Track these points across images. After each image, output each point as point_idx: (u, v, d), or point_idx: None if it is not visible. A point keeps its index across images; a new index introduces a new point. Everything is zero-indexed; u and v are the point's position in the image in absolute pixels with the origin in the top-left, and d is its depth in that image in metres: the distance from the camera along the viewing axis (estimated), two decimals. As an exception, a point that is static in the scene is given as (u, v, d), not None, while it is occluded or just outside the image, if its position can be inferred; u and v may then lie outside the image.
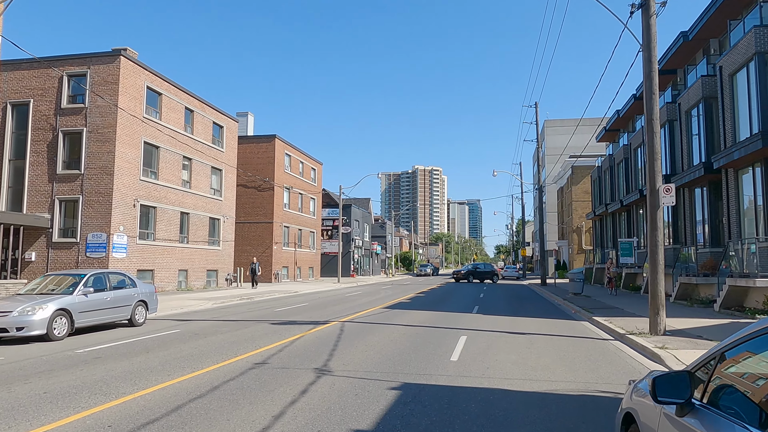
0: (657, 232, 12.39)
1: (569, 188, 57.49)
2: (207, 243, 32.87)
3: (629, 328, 13.35)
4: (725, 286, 17.10)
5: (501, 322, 15.22)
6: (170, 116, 29.23)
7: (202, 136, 32.47)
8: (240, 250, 42.46)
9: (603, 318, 15.72)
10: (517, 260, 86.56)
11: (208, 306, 21.23)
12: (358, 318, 16.08)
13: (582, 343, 11.63)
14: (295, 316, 16.88)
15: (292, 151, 46.39)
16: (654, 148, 12.60)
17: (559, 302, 23.32)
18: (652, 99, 12.64)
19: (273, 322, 15.18)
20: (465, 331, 13.18)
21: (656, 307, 12.25)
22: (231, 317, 16.74)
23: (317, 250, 52.95)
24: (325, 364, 8.76)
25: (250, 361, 8.98)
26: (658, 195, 12.43)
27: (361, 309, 19.24)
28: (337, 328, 13.57)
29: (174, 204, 29.48)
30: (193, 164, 31.37)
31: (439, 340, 11.52)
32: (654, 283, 12.37)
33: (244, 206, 42.76)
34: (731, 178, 19.28)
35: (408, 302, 22.77)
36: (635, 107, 33.12)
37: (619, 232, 35.54)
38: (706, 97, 21.53)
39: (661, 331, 12.14)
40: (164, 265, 28.50)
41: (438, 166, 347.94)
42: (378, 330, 13.16)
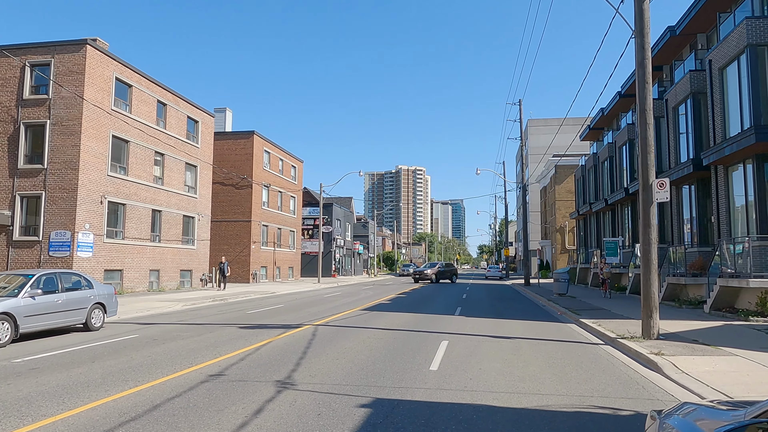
0: (650, 230, 11.65)
1: (552, 187, 57.13)
2: (181, 242, 31.63)
3: (620, 331, 12.61)
4: (716, 286, 16.49)
5: (484, 325, 14.40)
6: (141, 109, 27.96)
7: (176, 131, 31.23)
8: (217, 250, 41.22)
9: (591, 320, 14.98)
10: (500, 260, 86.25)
11: (177, 308, 20.12)
12: (333, 321, 15.13)
13: (571, 348, 10.83)
14: (267, 319, 15.88)
15: (271, 147, 45.23)
16: (647, 140, 11.86)
17: (544, 303, 22.62)
18: (645, 88, 11.90)
19: (242, 325, 14.17)
20: (446, 335, 12.32)
21: (649, 309, 11.51)
22: (198, 320, 15.68)
23: (297, 249, 51.83)
24: (289, 376, 7.81)
25: (204, 373, 8.00)
26: (651, 190, 11.69)
27: (338, 311, 18.30)
28: (310, 332, 12.61)
29: (145, 201, 28.22)
30: (165, 160, 30.12)
31: (418, 346, 10.63)
32: (647, 284, 11.63)
33: (221, 204, 41.52)
34: (721, 176, 18.71)
35: (388, 303, 21.88)
36: (620, 105, 32.66)
37: (603, 231, 35.05)
38: (695, 92, 20.96)
39: (654, 335, 11.40)
40: (134, 265, 27.23)
41: (422, 166, 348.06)
42: (353, 334, 12.23)
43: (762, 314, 14.38)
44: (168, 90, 30.36)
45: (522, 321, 15.68)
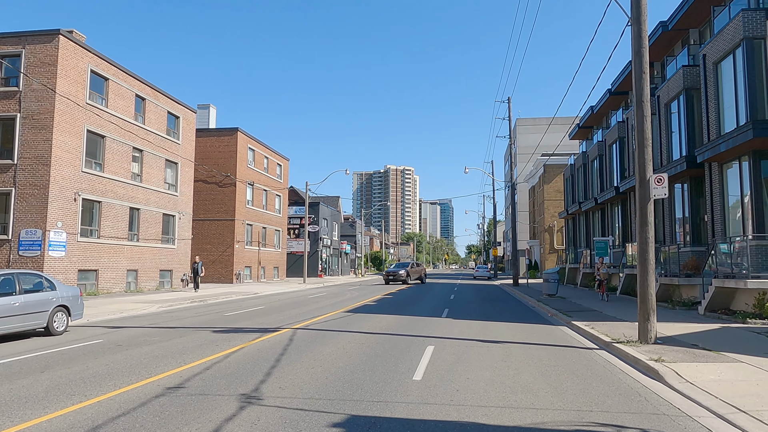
0: (647, 228, 11.02)
1: (541, 187, 56.74)
2: (160, 241, 30.64)
3: (614, 334, 11.97)
4: (711, 287, 15.95)
5: (472, 328, 13.71)
6: (118, 104, 26.95)
7: (156, 127, 30.23)
8: (199, 249, 40.24)
9: (583, 323, 14.36)
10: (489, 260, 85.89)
11: (153, 310, 19.23)
12: (314, 324, 14.36)
13: (564, 354, 10.16)
14: (245, 321, 15.07)
15: (255, 145, 44.29)
16: (644, 133, 11.23)
17: (534, 304, 22.02)
18: (642, 79, 11.27)
19: (216, 329, 13.35)
20: (432, 339, 11.60)
21: (646, 312, 10.88)
22: (171, 323, 14.83)
23: (283, 249, 50.90)
24: (256, 389, 7.04)
25: (162, 385, 7.20)
26: (648, 186, 11.06)
27: (320, 313, 17.52)
28: (287, 336, 11.83)
29: (122, 199, 27.21)
30: (144, 156, 29.11)
31: (401, 352, 9.90)
32: (644, 285, 11.00)
33: (204, 202, 40.53)
34: (715, 173, 18.20)
35: (373, 305, 21.14)
36: (611, 102, 32.21)
37: (593, 230, 34.59)
38: (688, 88, 20.45)
39: (651, 339, 10.77)
40: (111, 265, 26.23)
41: (410, 166, 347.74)
42: (333, 339, 11.48)
43: (760, 316, 13.84)
44: (147, 84, 29.36)
45: (511, 323, 15.02)
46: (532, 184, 66.13)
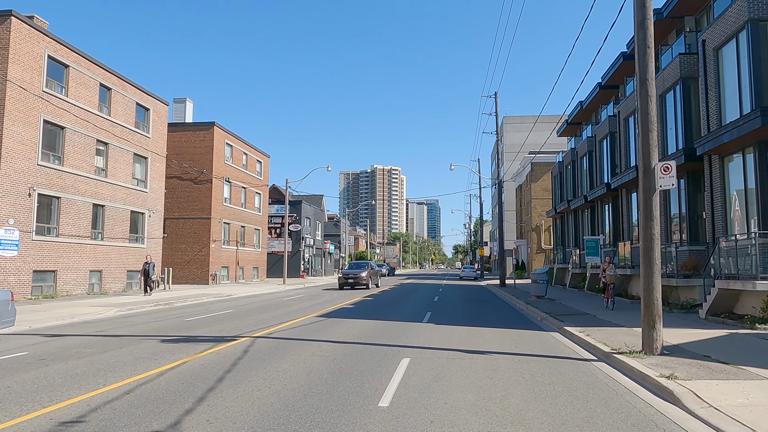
0: (652, 224, 9.70)
1: (528, 185, 55.66)
2: (128, 240, 28.89)
3: (614, 343, 10.65)
4: (713, 289, 14.73)
5: (456, 335, 12.32)
6: (80, 93, 25.20)
7: (123, 119, 28.48)
8: (174, 248, 38.51)
9: (577, 328, 13.03)
10: (475, 260, 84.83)
11: (108, 314, 17.61)
12: (278, 331, 12.87)
13: (559, 367, 8.79)
14: (202, 328, 13.54)
15: (233, 140, 42.58)
16: (649, 116, 9.91)
17: (522, 306, 20.72)
18: (647, 54, 9.96)
19: (167, 338, 11.82)
20: (410, 349, 10.19)
21: (652, 318, 9.55)
22: (120, 331, 13.26)
23: (263, 248, 49.22)
24: (176, 423, 5.55)
25: (57, 419, 5.68)
26: (653, 175, 9.74)
27: (291, 318, 16.03)
28: (242, 347, 10.34)
29: (85, 194, 25.46)
30: (110, 150, 27.36)
31: (371, 367, 8.47)
32: (648, 288, 9.66)
33: (179, 200, 38.79)
34: (716, 166, 17.00)
35: (351, 308, 19.69)
36: (600, 97, 31.06)
37: (582, 229, 33.43)
38: (685, 77, 19.25)
39: (657, 350, 9.45)
40: (71, 265, 24.48)
41: (397, 166, 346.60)
42: (295, 350, 10.01)
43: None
44: (113, 73, 27.61)
45: (498, 329, 13.65)
46: (519, 182, 65.10)
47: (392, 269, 76.70)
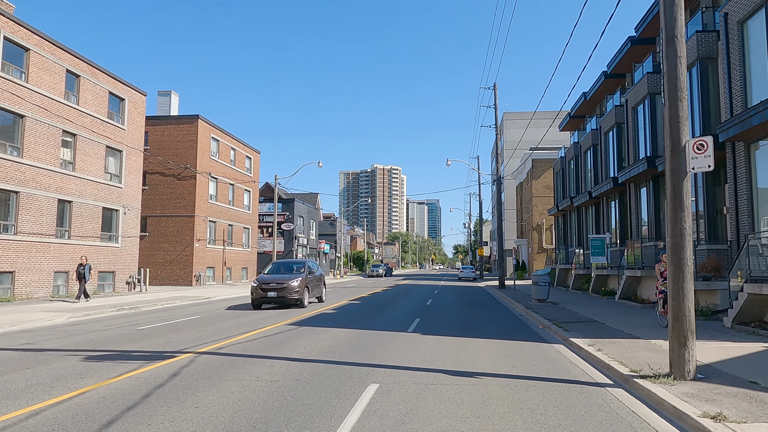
0: (683, 215, 7.76)
1: (529, 183, 53.71)
2: (100, 239, 26.97)
3: (633, 362, 8.71)
4: (741, 293, 12.79)
5: (442, 349, 10.39)
6: (43, 79, 23.27)
7: (93, 109, 26.54)
8: (156, 248, 36.60)
9: (585, 340, 11.10)
10: (475, 260, 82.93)
11: (59, 321, 15.70)
12: (232, 344, 10.93)
13: (567, 397, 6.86)
14: (147, 340, 11.61)
15: (220, 135, 40.65)
16: (678, 82, 7.97)
17: (521, 311, 18.78)
18: (675, 6, 8.02)
19: (95, 353, 9.90)
20: (380, 372, 8.25)
21: (683, 334, 7.61)
22: (49, 343, 11.34)
23: (253, 248, 47.29)
24: None
25: None
26: (684, 155, 7.81)
27: (258, 326, 14.10)
28: (175, 368, 8.40)
29: (48, 189, 23.52)
30: (78, 141, 25.43)
31: (324, 400, 6.54)
32: (679, 295, 7.73)
33: (161, 197, 36.87)
34: (740, 155, 15.07)
35: (331, 313, 17.75)
36: (605, 87, 29.09)
37: (586, 228, 31.49)
38: (702, 57, 17.31)
39: (690, 374, 7.51)
40: (31, 266, 22.56)
41: (397, 166, 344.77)
42: (237, 373, 8.08)
43: (815, 333, 10.66)
44: (82, 59, 25.67)
45: (494, 341, 11.71)
46: (519, 180, 63.16)
47: (390, 269, 74.81)
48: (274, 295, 18.61)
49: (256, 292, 18.91)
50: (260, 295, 18.74)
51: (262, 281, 19.10)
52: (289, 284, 18.73)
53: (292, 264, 21.12)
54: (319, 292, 21.95)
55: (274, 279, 19.12)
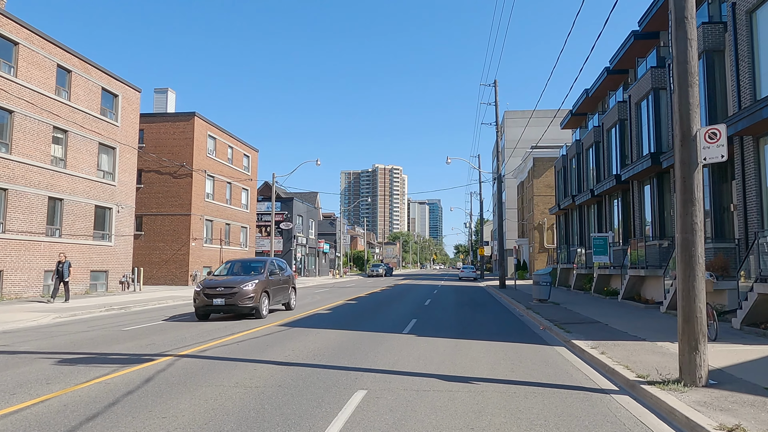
0: (694, 209, 7.23)
1: (530, 182, 53.15)
2: (92, 237, 26.45)
3: (639, 366, 8.19)
4: (751, 293, 12.23)
5: (438, 352, 9.87)
6: (33, 74, 22.77)
7: (86, 105, 26.03)
8: (151, 247, 36.11)
9: (588, 342, 10.57)
10: (476, 260, 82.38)
11: (44, 321, 15.20)
12: (217, 347, 10.41)
13: (569, 405, 6.33)
14: (129, 342, 11.09)
15: (217, 132, 40.13)
16: (688, 66, 7.43)
17: (522, 312, 18.25)
18: (685, -16, 7.48)
19: (71, 356, 9.38)
20: (370, 377, 7.72)
21: (693, 337, 7.08)
22: (26, 345, 10.83)
23: (251, 247, 46.76)
24: None
25: None
26: (695, 145, 7.27)
27: (247, 327, 13.58)
28: (150, 373, 7.88)
29: (38, 186, 23.02)
30: (70, 138, 24.91)
31: (305, 410, 6.02)
32: (689, 295, 7.19)
33: (157, 195, 36.36)
34: (749, 150, 14.51)
35: (326, 314, 17.24)
36: (608, 83, 28.55)
37: (588, 226, 30.93)
38: (709, 50, 16.75)
39: (702, 379, 6.98)
40: (20, 265, 22.05)
41: (398, 165, 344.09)
42: (216, 378, 7.56)
43: (830, 335, 10.11)
44: (74, 54, 25.16)
45: (492, 342, 11.17)
46: (520, 179, 62.60)
47: (390, 269, 74.28)
48: (221, 303, 14.69)
49: (199, 298, 14.91)
50: (204, 303, 14.81)
51: (207, 285, 15.12)
52: (241, 289, 14.81)
53: (251, 263, 17.53)
54: (286, 298, 17.93)
55: (222, 282, 15.16)
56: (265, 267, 16.63)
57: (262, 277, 15.87)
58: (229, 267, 17.22)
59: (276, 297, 16.85)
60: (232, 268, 17.07)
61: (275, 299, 16.80)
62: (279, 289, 17.09)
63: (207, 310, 15.00)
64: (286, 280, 18.06)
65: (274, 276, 16.92)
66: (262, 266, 16.72)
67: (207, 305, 14.88)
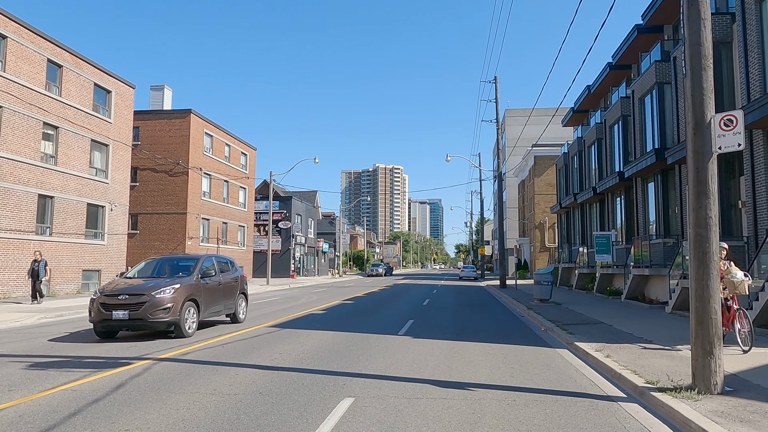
0: (708, 202, 6.70)
1: (531, 180, 52.60)
2: (84, 236, 25.94)
3: (648, 370, 7.65)
4: (764, 293, 11.69)
5: (434, 355, 9.34)
6: (22, 68, 22.25)
7: (77, 101, 25.51)
8: (147, 246, 35.60)
9: (592, 344, 10.04)
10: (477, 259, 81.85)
11: (29, 322, 14.70)
12: (201, 349, 9.89)
13: (573, 415, 5.80)
14: (109, 344, 10.56)
15: (213, 130, 39.61)
16: (701, 48, 6.89)
17: (523, 312, 17.72)
18: (698, -40, 6.94)
19: (46, 359, 8.86)
20: (359, 383, 7.19)
21: (708, 341, 6.54)
22: (4, 348, 10.31)
23: (249, 247, 46.26)
24: None
25: None
26: (709, 133, 6.73)
27: (237, 328, 13.05)
28: (123, 378, 7.35)
29: (27, 183, 22.50)
30: (61, 134, 24.40)
31: (284, 420, 5.49)
32: (703, 296, 6.65)
33: (153, 194, 35.85)
34: (758, 144, 13.99)
35: (320, 314, 16.71)
36: (611, 78, 28.00)
37: (590, 225, 30.39)
38: (716, 41, 16.18)
39: (717, 386, 6.44)
40: (8, 264, 21.54)
41: (399, 165, 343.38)
42: (194, 384, 7.03)
43: None
44: (65, 48, 24.64)
45: (491, 345, 10.64)
46: (521, 178, 62.04)
47: (390, 269, 73.75)
48: (123, 316, 10.65)
49: (94, 310, 10.92)
50: (101, 317, 10.78)
51: (106, 292, 11.07)
52: (152, 297, 10.80)
53: (179, 262, 13.00)
54: (230, 307, 13.67)
55: (127, 289, 11.05)
56: (196, 267, 12.34)
57: (187, 281, 11.67)
58: (146, 267, 12.96)
59: (212, 306, 12.64)
60: (153, 268, 12.83)
61: (211, 309, 12.62)
62: (217, 296, 12.87)
63: (106, 326, 10.94)
64: (230, 284, 13.61)
65: (210, 279, 12.61)
66: (194, 265, 12.45)
67: (105, 320, 10.74)
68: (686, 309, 15.55)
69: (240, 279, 14.44)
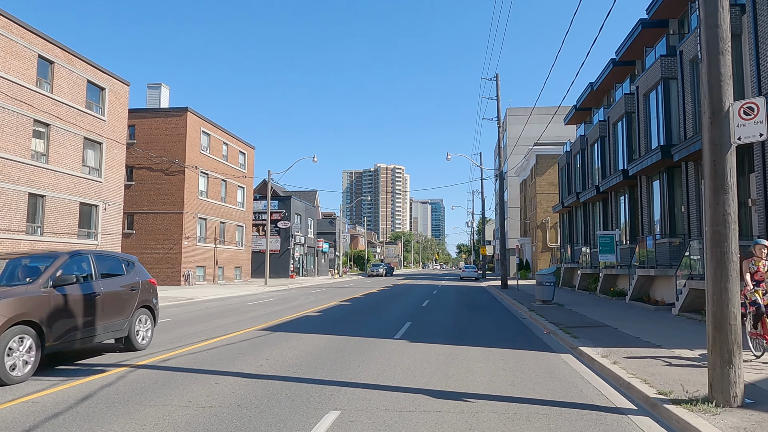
0: (726, 197, 6.15)
1: (533, 179, 52.03)
2: (77, 236, 25.43)
3: (659, 379, 7.10)
4: (776, 295, 11.11)
5: (430, 361, 8.80)
6: (11, 64, 21.76)
7: (69, 98, 25.01)
8: (142, 246, 35.11)
9: (597, 349, 9.50)
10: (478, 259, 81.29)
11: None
12: (184, 354, 9.36)
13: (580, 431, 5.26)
14: (78, 350, 10.03)
15: (211, 128, 39.10)
16: (719, 30, 6.34)
17: (524, 314, 17.17)
18: (714, -64, 6.39)
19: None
20: (348, 393, 6.65)
21: (727, 348, 5.99)
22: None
23: (247, 247, 45.75)
24: None
25: None
26: (727, 122, 6.18)
27: (226, 331, 12.53)
28: (93, 388, 6.82)
29: (17, 182, 22.01)
30: (52, 132, 23.90)
31: (259, 438, 4.95)
32: (720, 300, 6.11)
33: (148, 193, 35.36)
34: None
35: (314, 316, 16.18)
36: (614, 75, 27.44)
37: (593, 224, 29.82)
38: (725, 33, 15.60)
39: (737, 399, 5.90)
40: (-2, 265, 21.04)
41: (401, 165, 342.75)
42: (168, 395, 6.50)
43: None
44: (57, 44, 24.14)
45: (491, 350, 10.10)
46: (523, 177, 61.47)
47: (391, 269, 73.19)
48: None
49: None
50: None
51: None
52: None
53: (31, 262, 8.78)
54: (121, 328, 9.45)
55: None
56: (47, 270, 8.21)
57: (20, 291, 7.52)
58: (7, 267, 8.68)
59: (78, 329, 8.36)
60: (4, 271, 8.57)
61: (76, 333, 8.33)
62: (90, 313, 8.65)
63: None
64: (119, 295, 9.51)
65: (73, 286, 8.37)
66: (49, 266, 8.35)
67: None
68: (694, 311, 15.00)
69: (142, 287, 10.25)
